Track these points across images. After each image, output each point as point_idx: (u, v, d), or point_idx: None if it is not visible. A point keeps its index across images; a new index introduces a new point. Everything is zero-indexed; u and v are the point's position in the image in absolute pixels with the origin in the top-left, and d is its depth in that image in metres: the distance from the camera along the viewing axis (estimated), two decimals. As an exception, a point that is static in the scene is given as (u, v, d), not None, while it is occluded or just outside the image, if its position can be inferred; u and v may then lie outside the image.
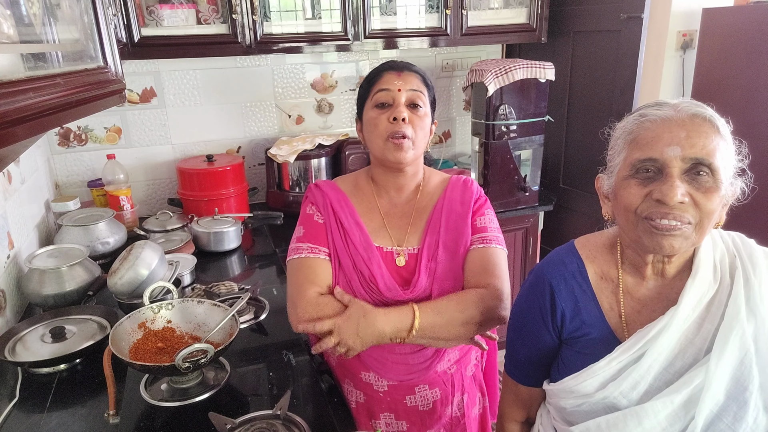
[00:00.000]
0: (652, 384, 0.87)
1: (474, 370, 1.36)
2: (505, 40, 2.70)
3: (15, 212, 1.68)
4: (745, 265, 0.88)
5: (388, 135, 1.17)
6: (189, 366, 1.11)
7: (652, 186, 0.84)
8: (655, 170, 0.84)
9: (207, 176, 2.25)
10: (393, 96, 1.18)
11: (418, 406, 1.27)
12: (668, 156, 0.82)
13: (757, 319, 0.84)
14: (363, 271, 1.20)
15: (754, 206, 0.96)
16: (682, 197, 0.81)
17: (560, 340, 0.99)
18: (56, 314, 1.47)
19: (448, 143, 3.00)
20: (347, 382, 1.30)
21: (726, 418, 0.83)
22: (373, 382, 1.26)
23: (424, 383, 1.26)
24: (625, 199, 0.87)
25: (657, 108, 0.87)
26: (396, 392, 1.26)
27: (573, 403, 0.94)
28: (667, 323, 0.86)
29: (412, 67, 1.24)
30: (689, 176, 0.82)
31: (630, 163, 0.87)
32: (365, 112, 1.24)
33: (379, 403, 1.27)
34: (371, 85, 1.22)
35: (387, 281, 1.20)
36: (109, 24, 1.04)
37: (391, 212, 1.27)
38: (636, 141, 0.87)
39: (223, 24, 2.14)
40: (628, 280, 0.95)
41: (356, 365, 1.26)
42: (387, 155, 1.18)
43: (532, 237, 2.64)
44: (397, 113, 1.17)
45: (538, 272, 1.02)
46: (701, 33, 2.38)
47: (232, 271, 1.94)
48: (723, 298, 0.87)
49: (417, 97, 1.19)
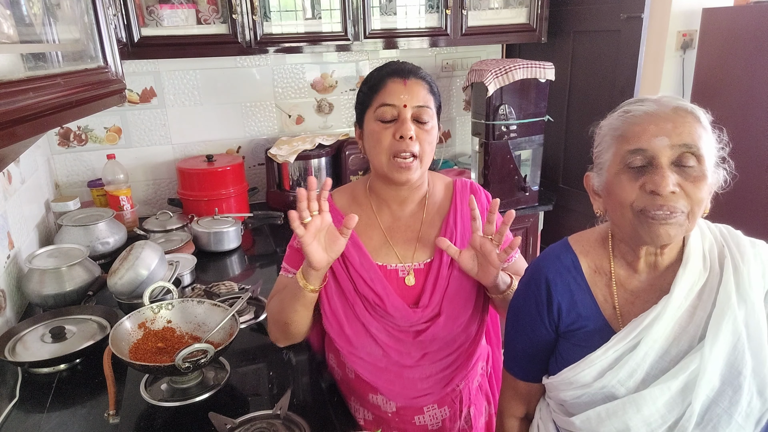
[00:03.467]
0: (649, 372, 0.89)
1: (480, 380, 1.33)
2: (505, 40, 2.70)
3: (15, 212, 1.68)
4: (733, 253, 0.91)
5: (393, 153, 1.10)
6: (189, 366, 1.11)
7: (643, 178, 0.86)
8: (645, 162, 0.87)
9: (207, 176, 2.25)
10: (398, 111, 1.10)
11: (427, 426, 1.23)
12: (657, 146, 0.85)
13: (747, 305, 0.86)
14: (367, 295, 1.14)
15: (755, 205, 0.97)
16: (673, 187, 0.84)
17: (557, 333, 1.01)
18: (56, 314, 1.47)
19: (448, 143, 3.00)
20: (353, 400, 1.25)
21: (722, 403, 0.86)
22: (380, 405, 1.21)
23: (433, 403, 1.21)
24: (619, 195, 0.89)
25: (640, 104, 0.91)
26: (404, 413, 1.21)
27: (572, 394, 0.95)
28: (661, 311, 0.88)
29: (419, 73, 1.15)
30: (677, 167, 0.85)
31: (620, 156, 0.89)
32: (366, 122, 1.15)
33: (387, 422, 1.22)
34: (374, 92, 1.13)
35: (394, 301, 1.14)
36: (109, 24, 1.04)
37: (393, 227, 1.20)
38: (623, 136, 0.90)
39: (223, 24, 2.14)
40: (620, 273, 0.98)
41: (363, 387, 1.21)
42: (392, 175, 1.12)
43: (532, 237, 2.64)
44: (404, 131, 1.09)
45: (534, 268, 1.04)
46: (701, 33, 2.38)
47: (232, 271, 1.94)
48: (713, 285, 0.89)
49: (423, 112, 1.11)
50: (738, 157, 0.92)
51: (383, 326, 1.15)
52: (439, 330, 1.16)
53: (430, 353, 1.17)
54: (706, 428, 0.86)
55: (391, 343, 1.16)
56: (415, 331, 1.16)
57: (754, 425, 0.86)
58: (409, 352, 1.16)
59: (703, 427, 0.86)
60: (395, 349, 1.16)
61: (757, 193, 2.26)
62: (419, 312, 1.15)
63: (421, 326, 1.16)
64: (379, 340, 1.15)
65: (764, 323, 0.86)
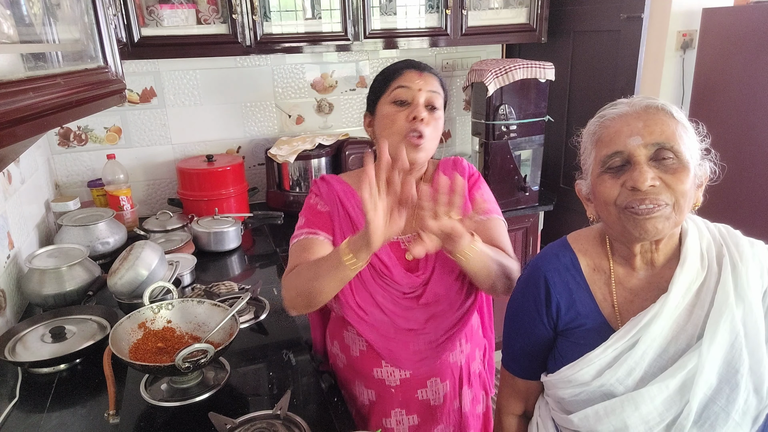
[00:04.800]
0: (647, 370, 0.90)
1: (480, 368, 1.37)
2: (505, 40, 2.70)
3: (15, 212, 1.68)
4: (732, 253, 0.91)
5: (406, 133, 1.17)
6: (189, 366, 1.11)
7: (624, 177, 0.89)
8: (624, 161, 0.89)
9: (207, 176, 2.25)
10: (413, 95, 1.18)
11: (429, 400, 1.27)
12: (631, 146, 0.88)
13: (745, 304, 0.87)
14: (374, 264, 1.20)
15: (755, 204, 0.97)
16: (652, 181, 0.86)
17: (555, 332, 1.01)
18: (56, 314, 1.47)
19: (448, 143, 3.00)
20: (358, 384, 1.29)
21: (719, 401, 0.86)
22: (385, 378, 1.26)
23: (435, 375, 1.26)
24: (602, 194, 0.92)
25: (613, 107, 0.95)
26: (408, 386, 1.26)
27: (571, 392, 0.96)
28: (659, 310, 0.89)
29: (432, 70, 1.25)
30: (655, 162, 0.88)
31: (600, 161, 0.92)
32: (379, 107, 1.23)
33: (391, 399, 1.27)
34: (390, 80, 1.21)
35: (396, 266, 1.20)
36: (109, 24, 1.04)
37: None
38: (600, 140, 0.93)
39: (223, 24, 2.14)
40: (619, 271, 0.98)
41: (369, 362, 1.26)
42: None
43: (532, 237, 2.64)
44: (417, 112, 1.16)
45: (532, 266, 1.04)
46: (701, 33, 2.38)
47: (232, 271, 1.94)
48: (711, 284, 0.90)
49: (435, 98, 1.20)
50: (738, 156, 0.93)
51: (389, 294, 1.20)
52: (437, 286, 1.21)
53: (434, 316, 1.22)
54: (703, 426, 0.87)
55: (397, 310, 1.21)
56: (417, 296, 1.22)
57: (751, 423, 0.87)
58: (415, 317, 1.22)
59: (700, 425, 0.87)
60: (401, 316, 1.21)
61: (757, 193, 2.26)
62: (420, 274, 1.21)
63: (420, 289, 1.22)
64: (385, 308, 1.20)
65: (761, 322, 0.87)
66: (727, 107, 2.33)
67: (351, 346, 1.28)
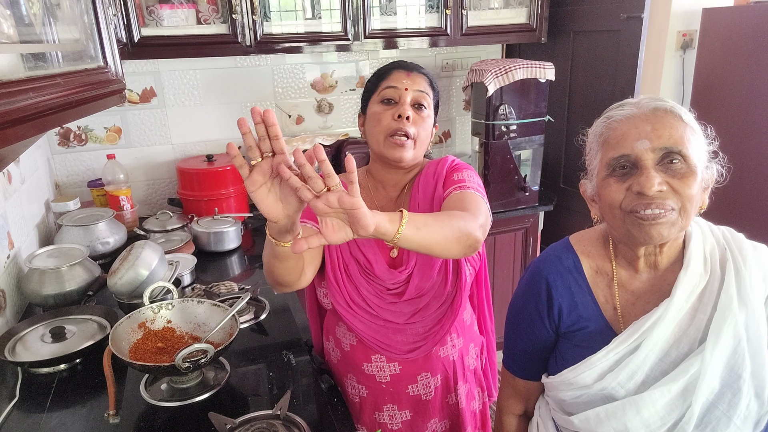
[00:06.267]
0: (649, 374, 0.89)
1: (475, 364, 1.38)
2: (505, 40, 2.70)
3: (15, 212, 1.68)
4: (735, 257, 0.90)
5: (391, 132, 1.19)
6: (189, 366, 1.11)
7: (630, 180, 0.87)
8: (630, 165, 0.88)
9: (207, 176, 2.25)
10: (400, 94, 1.21)
11: (420, 395, 1.28)
12: (639, 150, 0.86)
13: (747, 309, 0.86)
14: (358, 258, 1.22)
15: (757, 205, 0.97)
16: (659, 186, 0.84)
17: (557, 334, 1.01)
18: (56, 314, 1.47)
19: (448, 143, 3.00)
20: (350, 377, 1.30)
21: (721, 406, 0.86)
22: (375, 374, 1.26)
23: (426, 371, 1.26)
24: (608, 197, 0.90)
25: (620, 108, 0.93)
26: (398, 382, 1.26)
27: (572, 394, 0.96)
28: (662, 314, 0.88)
29: (421, 69, 1.27)
30: (663, 166, 0.86)
31: (606, 163, 0.91)
32: (370, 107, 1.26)
33: (382, 395, 1.27)
34: (379, 80, 1.25)
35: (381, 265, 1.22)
36: (109, 24, 1.04)
37: (386, 207, 1.29)
38: (607, 142, 0.91)
39: (223, 24, 2.14)
40: (622, 274, 0.97)
41: (360, 355, 1.26)
42: (387, 152, 1.20)
43: (532, 237, 2.64)
44: (402, 111, 1.19)
45: (534, 268, 1.04)
46: (701, 33, 2.38)
47: (232, 271, 1.94)
48: (714, 289, 0.89)
49: (422, 98, 1.22)
50: (738, 157, 0.93)
51: (373, 288, 1.22)
52: (420, 281, 1.21)
53: (420, 310, 1.23)
54: (705, 430, 0.86)
55: (382, 304, 1.22)
56: (399, 293, 1.22)
57: (752, 427, 0.86)
58: (400, 311, 1.23)
59: (702, 429, 0.87)
60: (387, 309, 1.22)
61: (759, 193, 2.26)
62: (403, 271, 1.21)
63: (404, 286, 1.22)
64: (370, 302, 1.22)
65: (764, 327, 0.86)
66: (727, 107, 2.33)
67: (342, 340, 1.29)
